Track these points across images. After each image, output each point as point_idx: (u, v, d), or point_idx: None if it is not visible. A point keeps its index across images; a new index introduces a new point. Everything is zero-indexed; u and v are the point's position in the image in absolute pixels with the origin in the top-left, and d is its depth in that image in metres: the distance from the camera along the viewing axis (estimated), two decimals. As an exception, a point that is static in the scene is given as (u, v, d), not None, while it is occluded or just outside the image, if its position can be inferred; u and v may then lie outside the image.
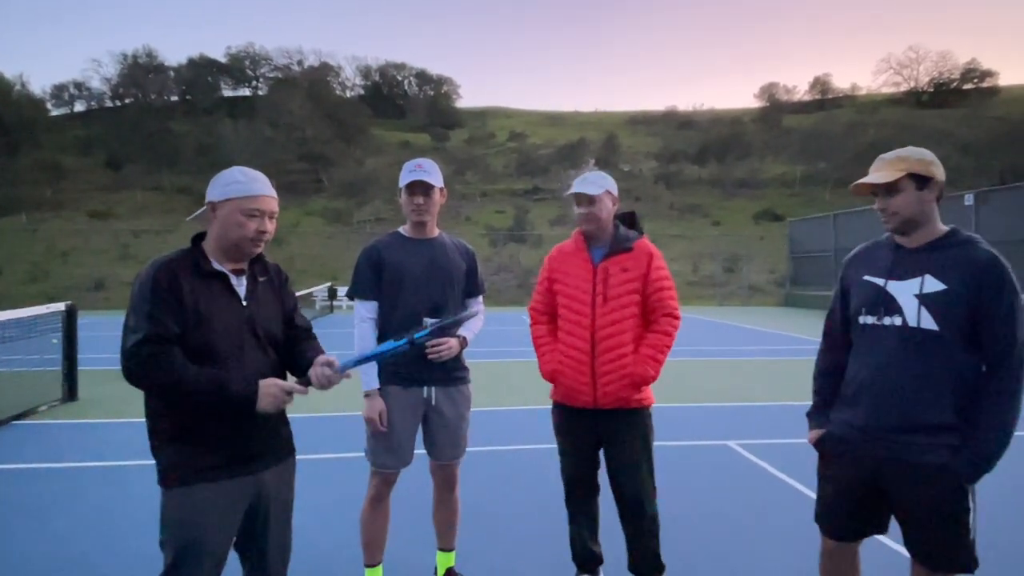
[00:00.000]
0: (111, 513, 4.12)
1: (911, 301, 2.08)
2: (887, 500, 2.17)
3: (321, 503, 4.16)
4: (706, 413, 7.00)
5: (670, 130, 74.33)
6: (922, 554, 2.13)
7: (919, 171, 2.07)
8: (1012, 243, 17.29)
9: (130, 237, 36.78)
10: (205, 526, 1.90)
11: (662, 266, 2.94)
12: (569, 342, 2.91)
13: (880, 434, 2.13)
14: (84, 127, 63.55)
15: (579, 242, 2.99)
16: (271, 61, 79.25)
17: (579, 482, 3.00)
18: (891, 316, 2.12)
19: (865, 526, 2.26)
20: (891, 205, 2.10)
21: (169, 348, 1.81)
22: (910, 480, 2.09)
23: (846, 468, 2.23)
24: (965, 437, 2.04)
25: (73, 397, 7.75)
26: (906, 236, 2.15)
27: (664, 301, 2.89)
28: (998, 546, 3.60)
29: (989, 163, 46.36)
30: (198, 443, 1.91)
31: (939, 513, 2.07)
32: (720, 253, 33.19)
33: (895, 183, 2.08)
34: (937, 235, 2.12)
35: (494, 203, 51.95)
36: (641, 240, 2.97)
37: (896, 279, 2.13)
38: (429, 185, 2.89)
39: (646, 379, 2.82)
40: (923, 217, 2.10)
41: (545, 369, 3.00)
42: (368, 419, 2.88)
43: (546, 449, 5.50)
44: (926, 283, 2.06)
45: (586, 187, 2.88)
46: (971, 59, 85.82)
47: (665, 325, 2.88)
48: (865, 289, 2.20)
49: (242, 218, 1.94)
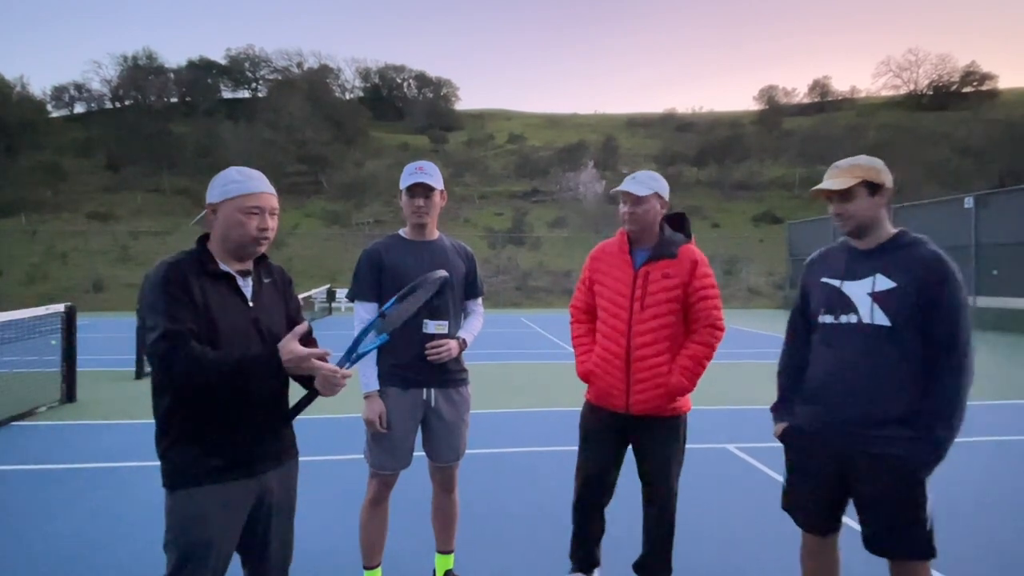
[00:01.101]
0: (110, 514, 4.12)
1: (865, 299, 2.23)
2: (850, 491, 2.29)
3: (320, 505, 4.16)
4: (705, 416, 6.99)
5: (669, 132, 74.33)
6: (880, 543, 2.23)
7: (872, 179, 2.22)
8: (1012, 246, 17.35)
9: (129, 239, 36.80)
10: (210, 528, 1.91)
11: (708, 273, 2.86)
12: (605, 345, 2.89)
13: (841, 427, 2.26)
14: (84, 129, 63.52)
15: (623, 243, 2.93)
16: (271, 63, 79.35)
17: (595, 482, 2.96)
18: (847, 314, 2.26)
19: (833, 517, 2.38)
20: (846, 210, 2.25)
21: (187, 339, 1.81)
22: (871, 471, 2.20)
23: (811, 461, 2.36)
24: (918, 428, 2.15)
25: (72, 398, 7.73)
26: (859, 239, 2.30)
27: (708, 311, 2.83)
28: (999, 546, 3.61)
29: (989, 166, 46.41)
30: (204, 445, 1.91)
31: (897, 503, 2.18)
32: (719, 255, 33.21)
33: (849, 190, 2.22)
34: (887, 237, 2.26)
35: (493, 205, 51.98)
36: (687, 245, 2.90)
37: (851, 280, 2.28)
38: (430, 187, 2.89)
39: (682, 390, 2.79)
40: (874, 221, 2.25)
41: (581, 369, 2.99)
42: (368, 421, 2.88)
43: (545, 452, 5.52)
44: (877, 282, 2.21)
45: (634, 186, 2.82)
46: (970, 62, 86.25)
47: (707, 336, 2.83)
48: (823, 290, 2.35)
49: (242, 217, 1.94)
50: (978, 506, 4.26)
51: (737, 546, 3.68)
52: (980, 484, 4.68)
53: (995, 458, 5.38)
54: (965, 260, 18.48)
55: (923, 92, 79.20)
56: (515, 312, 23.50)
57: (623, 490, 3.00)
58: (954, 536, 3.77)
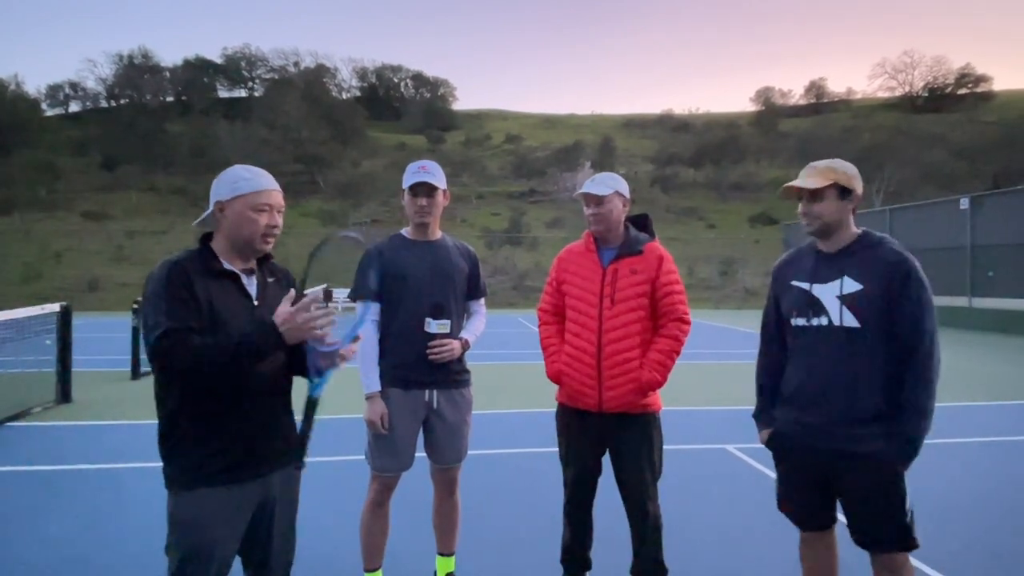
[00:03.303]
0: (106, 516, 4.09)
1: (834, 302, 2.29)
2: (835, 489, 2.37)
3: (321, 507, 4.14)
4: (703, 417, 6.99)
5: (666, 133, 74.45)
6: (865, 538, 2.31)
7: (843, 183, 2.29)
8: (1008, 247, 17.40)
9: (124, 238, 36.66)
10: (213, 530, 1.90)
11: (672, 270, 2.91)
12: (575, 343, 2.89)
13: (821, 428, 2.32)
14: (79, 128, 63.26)
15: (589, 243, 2.96)
16: (267, 62, 79.10)
17: (580, 486, 2.96)
18: (818, 317, 2.33)
19: (823, 515, 2.46)
20: (813, 210, 2.32)
21: (187, 336, 1.80)
22: (852, 469, 2.27)
23: (797, 463, 2.44)
24: (892, 425, 2.23)
25: (67, 399, 7.69)
26: (824, 240, 2.37)
27: (674, 305, 2.86)
28: (997, 545, 3.60)
29: (984, 167, 46.60)
30: (208, 447, 1.90)
31: (879, 497, 2.26)
32: (715, 256, 33.28)
33: (820, 190, 2.29)
34: (851, 239, 2.34)
35: (490, 205, 51.97)
36: (652, 243, 2.94)
37: (820, 282, 2.34)
38: (433, 187, 2.88)
39: (653, 384, 2.80)
40: (840, 224, 2.32)
41: (551, 370, 2.98)
42: (369, 422, 2.87)
43: (543, 453, 5.49)
44: (845, 284, 2.28)
45: (595, 187, 2.86)
46: (966, 64, 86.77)
47: (674, 330, 2.86)
48: (794, 293, 2.41)
49: (252, 214, 1.94)
50: (977, 506, 4.26)
51: (737, 546, 3.67)
52: (978, 484, 4.68)
53: (993, 458, 5.37)
54: (961, 261, 18.55)
55: (918, 94, 79.47)
56: (512, 312, 23.49)
57: (614, 492, 2.97)
58: (953, 535, 3.78)
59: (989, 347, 13.79)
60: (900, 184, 45.56)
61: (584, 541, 3.02)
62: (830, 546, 2.50)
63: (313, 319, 1.82)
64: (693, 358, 10.96)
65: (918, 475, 2.31)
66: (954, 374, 10.11)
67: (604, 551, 3.12)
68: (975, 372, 10.38)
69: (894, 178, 46.69)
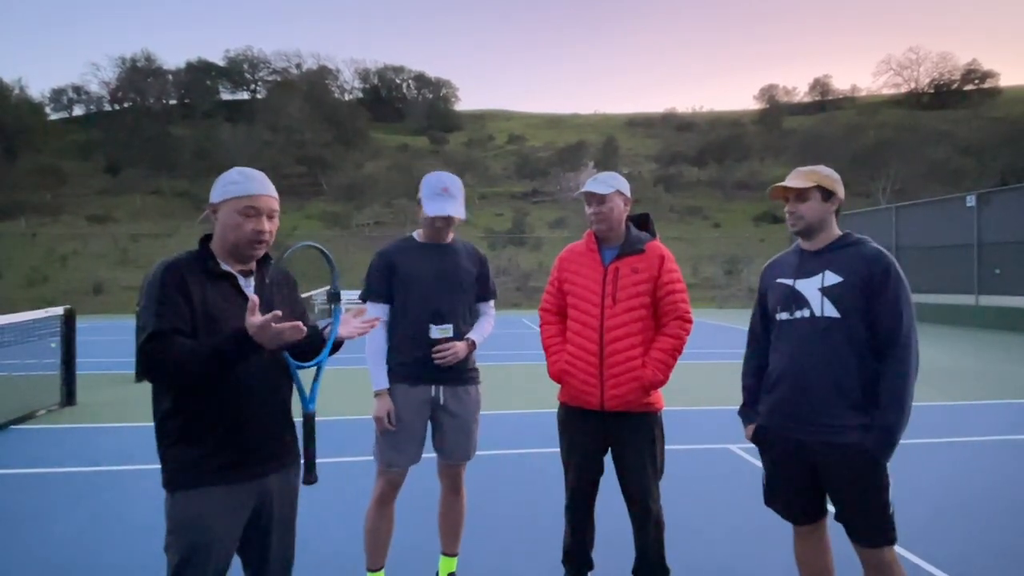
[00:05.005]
0: (110, 518, 4.09)
1: (815, 294, 2.39)
2: (821, 479, 2.41)
3: (323, 507, 4.13)
4: (707, 416, 6.97)
5: (669, 132, 74.42)
6: (847, 527, 2.35)
7: (826, 186, 2.42)
8: (1015, 244, 17.29)
9: (129, 241, 36.82)
10: (211, 530, 1.89)
11: (674, 268, 2.90)
12: (577, 343, 2.88)
13: (802, 417, 2.39)
14: (83, 131, 63.59)
15: (590, 242, 2.96)
16: (269, 64, 79.49)
17: (582, 485, 2.95)
18: (801, 310, 2.42)
19: (811, 507, 2.50)
20: (799, 209, 2.43)
21: (171, 338, 1.79)
22: (833, 459, 2.33)
23: (781, 455, 2.50)
24: (871, 416, 2.29)
25: (71, 402, 7.70)
26: (807, 240, 2.48)
27: (676, 304, 2.86)
28: (1000, 545, 3.58)
29: (990, 164, 46.40)
30: (205, 446, 1.90)
31: (860, 489, 2.31)
32: (720, 255, 33.23)
33: (805, 191, 2.41)
34: (833, 238, 2.46)
35: (493, 206, 52.00)
36: (653, 242, 2.94)
37: (803, 278, 2.45)
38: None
39: (655, 383, 2.79)
40: (822, 224, 2.44)
41: (553, 370, 2.97)
42: (376, 418, 2.89)
43: (546, 453, 5.47)
44: (826, 278, 2.38)
45: (596, 186, 2.85)
46: (971, 60, 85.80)
47: (676, 328, 2.85)
48: (779, 290, 2.51)
49: (239, 218, 1.92)
50: (984, 505, 4.23)
51: (738, 546, 3.65)
52: (982, 483, 4.64)
53: (1000, 457, 5.34)
54: (967, 259, 18.43)
55: (924, 90, 79.30)
56: (515, 313, 23.49)
57: (616, 492, 2.96)
58: (955, 534, 3.75)
59: (996, 345, 13.71)
60: (906, 181, 45.43)
61: (586, 541, 3.00)
62: (822, 538, 2.54)
63: (280, 332, 1.74)
64: (696, 357, 10.94)
65: (924, 473, 2.30)
66: (961, 372, 10.07)
67: (606, 551, 3.11)
68: (982, 370, 10.33)
69: (899, 175, 46.59)
